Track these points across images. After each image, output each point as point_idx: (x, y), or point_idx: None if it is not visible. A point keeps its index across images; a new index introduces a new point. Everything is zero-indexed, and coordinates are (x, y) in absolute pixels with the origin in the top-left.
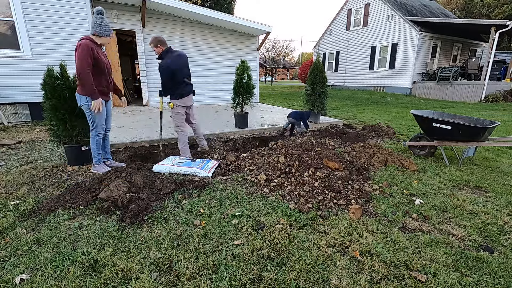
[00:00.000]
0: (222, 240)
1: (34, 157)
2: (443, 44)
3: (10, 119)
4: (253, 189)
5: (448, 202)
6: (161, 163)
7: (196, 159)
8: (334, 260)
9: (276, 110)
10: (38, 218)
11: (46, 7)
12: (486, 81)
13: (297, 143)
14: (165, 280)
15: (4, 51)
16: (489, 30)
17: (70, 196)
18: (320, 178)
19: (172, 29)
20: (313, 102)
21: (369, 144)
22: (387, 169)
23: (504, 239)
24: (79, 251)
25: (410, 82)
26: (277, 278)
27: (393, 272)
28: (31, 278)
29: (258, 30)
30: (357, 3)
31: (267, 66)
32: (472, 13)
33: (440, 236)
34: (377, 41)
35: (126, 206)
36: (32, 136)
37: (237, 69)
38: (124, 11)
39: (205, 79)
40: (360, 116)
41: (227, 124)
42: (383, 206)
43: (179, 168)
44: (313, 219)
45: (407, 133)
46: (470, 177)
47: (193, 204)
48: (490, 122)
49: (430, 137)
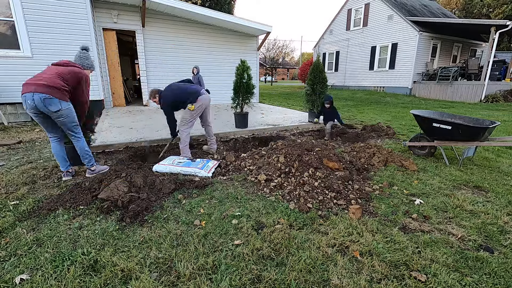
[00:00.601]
0: (222, 240)
1: (34, 157)
2: (443, 44)
3: (10, 119)
4: (253, 189)
5: (448, 202)
6: (161, 163)
7: (196, 159)
8: (334, 260)
9: (276, 110)
10: (38, 218)
11: (46, 7)
12: (486, 81)
13: (297, 143)
14: (165, 280)
15: (4, 51)
16: (489, 30)
17: (70, 196)
18: (320, 178)
19: (172, 29)
20: (313, 102)
21: (369, 144)
22: (387, 169)
23: (504, 239)
24: (79, 251)
25: (410, 82)
26: (277, 278)
27: (393, 272)
28: (31, 278)
29: (258, 30)
30: (357, 3)
31: (267, 66)
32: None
33: (440, 236)
34: (377, 41)
35: (126, 206)
36: (32, 136)
37: (237, 69)
38: (124, 11)
39: (205, 79)
40: (360, 116)
41: (227, 124)
42: (383, 206)
43: (179, 168)
44: (313, 219)
45: (407, 133)
46: (470, 177)
47: (193, 204)
48: (490, 122)
49: (430, 137)
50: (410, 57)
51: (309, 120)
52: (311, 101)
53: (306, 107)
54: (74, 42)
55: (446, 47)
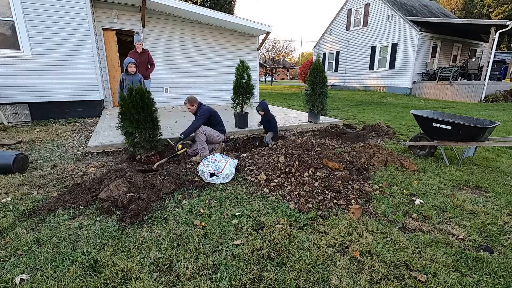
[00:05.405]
0: (222, 240)
1: (34, 157)
2: (443, 44)
3: (10, 119)
4: (253, 189)
5: (448, 202)
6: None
7: (221, 160)
8: (334, 260)
9: (276, 110)
10: (38, 218)
11: (46, 7)
12: (486, 81)
13: (297, 143)
14: (165, 280)
15: (4, 51)
16: (489, 30)
17: (70, 196)
18: (320, 178)
19: (172, 29)
20: (313, 102)
21: (369, 144)
22: (387, 169)
23: (504, 239)
24: (79, 251)
25: (410, 82)
26: (277, 278)
27: (393, 272)
28: (31, 278)
29: (258, 30)
30: (357, 3)
31: (267, 66)
32: (472, 13)
33: (440, 236)
34: (377, 41)
35: (126, 206)
36: (32, 136)
37: (237, 69)
38: (124, 11)
39: (205, 79)
40: (360, 116)
41: (227, 124)
42: (383, 206)
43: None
44: (313, 219)
45: (407, 133)
46: (470, 177)
47: (193, 204)
48: (490, 122)
49: (430, 137)
50: (410, 57)
51: (309, 120)
52: (311, 101)
53: (306, 107)
54: (74, 42)
55: (446, 47)
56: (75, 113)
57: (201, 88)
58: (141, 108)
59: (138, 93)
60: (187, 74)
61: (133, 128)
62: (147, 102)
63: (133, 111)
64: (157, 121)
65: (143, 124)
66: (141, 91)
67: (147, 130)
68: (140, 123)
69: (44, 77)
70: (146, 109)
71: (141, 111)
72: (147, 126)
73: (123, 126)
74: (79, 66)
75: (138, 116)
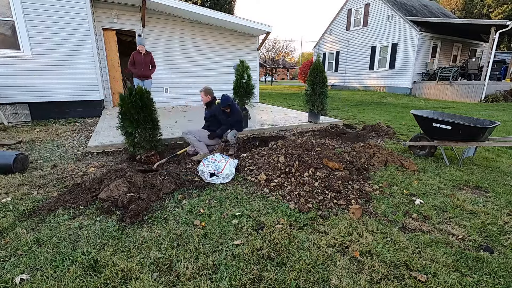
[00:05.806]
0: (222, 240)
1: (34, 157)
2: (443, 44)
3: (10, 119)
4: (253, 189)
5: (448, 202)
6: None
7: (221, 160)
8: (334, 260)
9: (276, 110)
10: (38, 218)
11: (46, 7)
12: (486, 81)
13: (297, 143)
14: (165, 280)
15: (4, 51)
16: (489, 30)
17: (70, 196)
18: (320, 178)
19: (172, 29)
20: (313, 102)
21: (369, 144)
22: (387, 169)
23: (504, 239)
24: (79, 251)
25: (410, 82)
26: (277, 278)
27: (393, 272)
28: (31, 278)
29: (258, 30)
30: (357, 3)
31: (267, 66)
32: (472, 13)
33: (440, 236)
34: (377, 41)
35: (126, 206)
36: (32, 136)
37: (237, 69)
38: (124, 11)
39: (205, 79)
40: (360, 116)
41: None
42: (383, 206)
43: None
44: (313, 219)
45: (407, 133)
46: (470, 177)
47: (193, 204)
48: (490, 122)
49: (430, 137)
50: (410, 57)
51: (309, 120)
52: (311, 101)
53: (306, 107)
54: (74, 42)
55: (446, 47)
56: (75, 113)
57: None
58: (141, 108)
59: (137, 93)
60: (187, 74)
61: (133, 128)
62: (147, 102)
63: (132, 111)
64: (157, 121)
65: (143, 124)
66: (141, 91)
67: (147, 130)
68: (139, 123)
69: (44, 77)
70: (145, 109)
71: (141, 111)
72: (147, 126)
73: (123, 126)
74: (79, 66)
75: (138, 116)
